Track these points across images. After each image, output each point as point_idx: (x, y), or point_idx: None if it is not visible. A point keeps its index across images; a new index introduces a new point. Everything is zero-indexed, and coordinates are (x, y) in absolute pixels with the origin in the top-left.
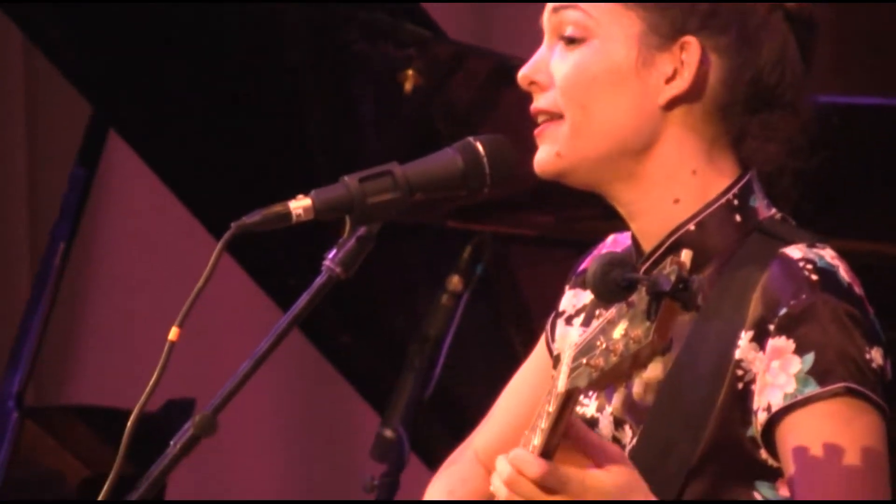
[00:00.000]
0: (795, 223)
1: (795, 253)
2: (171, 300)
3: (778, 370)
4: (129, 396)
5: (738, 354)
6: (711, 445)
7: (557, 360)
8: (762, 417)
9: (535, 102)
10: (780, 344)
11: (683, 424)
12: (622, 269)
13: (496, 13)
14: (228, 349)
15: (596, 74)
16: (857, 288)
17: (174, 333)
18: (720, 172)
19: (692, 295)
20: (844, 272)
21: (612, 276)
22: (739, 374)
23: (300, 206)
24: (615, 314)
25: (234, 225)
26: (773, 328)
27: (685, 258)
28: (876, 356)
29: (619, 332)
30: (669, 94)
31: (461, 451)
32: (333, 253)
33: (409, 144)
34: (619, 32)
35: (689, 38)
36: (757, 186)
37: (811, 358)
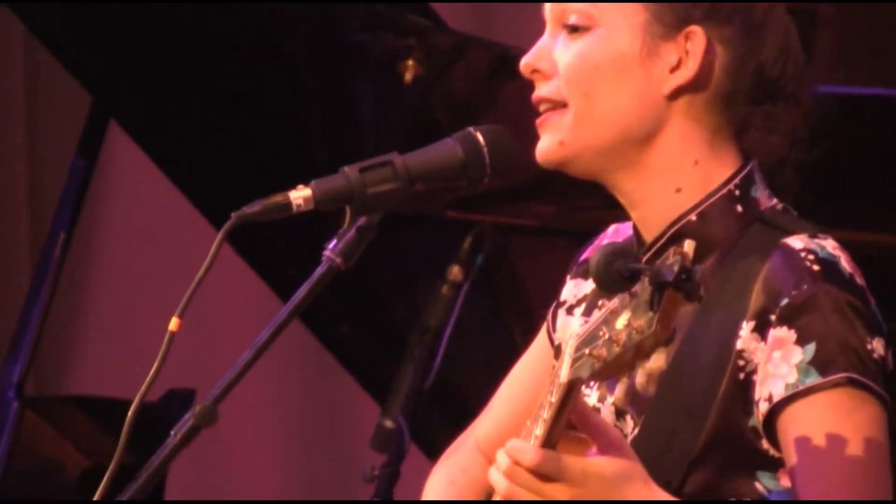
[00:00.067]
0: (797, 214)
1: (797, 243)
2: (171, 290)
3: (779, 360)
4: (129, 386)
5: (739, 345)
6: (713, 435)
7: (559, 349)
8: (764, 407)
9: (537, 91)
10: (781, 334)
11: (685, 415)
12: (625, 259)
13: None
14: (229, 339)
15: (600, 63)
16: (858, 278)
17: (174, 324)
18: (722, 163)
19: (695, 285)
20: (846, 262)
21: (615, 266)
22: (741, 364)
23: (300, 196)
24: (618, 304)
25: (234, 215)
26: (774, 318)
27: (688, 248)
28: (877, 346)
29: (621, 322)
30: (674, 83)
31: (462, 440)
32: (334, 243)
33: (409, 134)
34: (623, 21)
35: (694, 27)
36: (758, 177)
37: (812, 348)
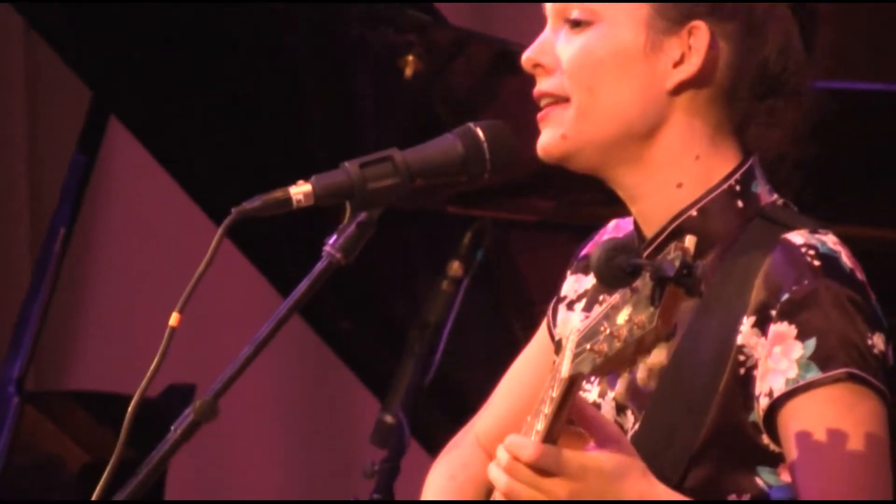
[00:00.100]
0: (797, 209)
1: (798, 239)
2: (171, 286)
3: (780, 355)
4: (129, 382)
5: (740, 340)
6: (713, 431)
7: (559, 345)
8: (764, 403)
9: (538, 85)
10: (782, 329)
11: (685, 410)
12: (626, 254)
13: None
14: (229, 335)
15: (603, 57)
16: (859, 273)
17: (175, 319)
18: (723, 158)
19: (696, 281)
20: (846, 258)
21: (616, 261)
22: (741, 359)
23: (300, 191)
24: (619, 300)
25: (234, 211)
26: (775, 314)
27: (689, 244)
28: (878, 342)
29: (622, 317)
30: (677, 78)
31: (462, 435)
32: (334, 239)
33: (409, 130)
34: (626, 16)
35: (697, 22)
36: (759, 172)
37: (813, 343)
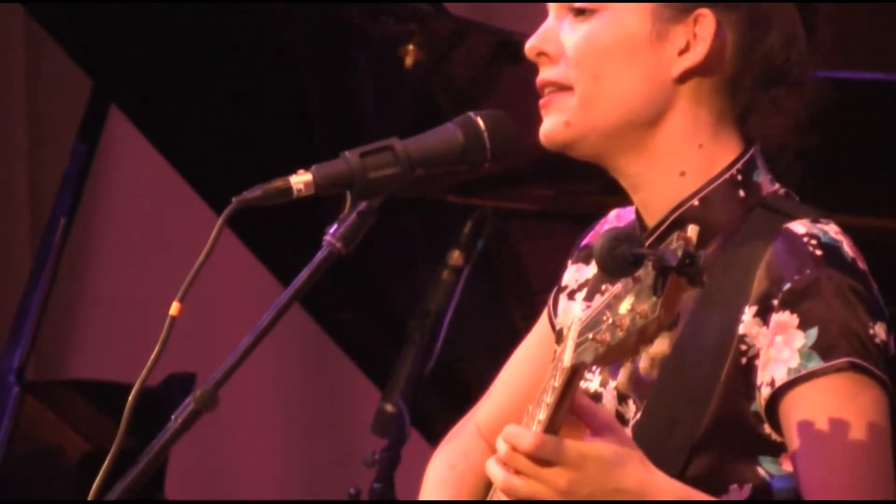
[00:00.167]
0: (798, 199)
1: (799, 228)
2: (172, 275)
3: (782, 345)
4: (129, 371)
5: (741, 329)
6: (715, 420)
7: (560, 334)
8: (766, 392)
9: (542, 74)
10: (783, 319)
11: (687, 399)
12: (629, 244)
13: None
14: (229, 324)
15: (608, 45)
16: (860, 263)
17: (175, 308)
18: (725, 147)
19: (698, 270)
20: (848, 247)
21: (618, 251)
22: (743, 349)
23: (301, 181)
24: (621, 289)
25: (234, 200)
26: (777, 303)
27: (692, 233)
28: (879, 331)
29: (625, 307)
30: (682, 66)
31: (463, 425)
32: (334, 228)
33: (409, 119)
34: (631, 4)
35: (703, 10)
36: (760, 162)
37: (815, 333)
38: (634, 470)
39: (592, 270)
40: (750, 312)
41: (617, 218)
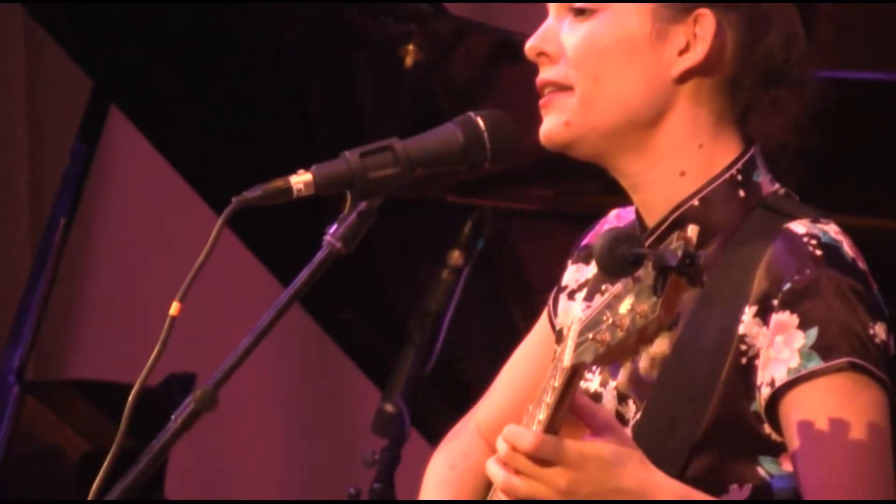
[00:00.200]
0: (798, 199)
1: (799, 228)
2: (172, 275)
3: (782, 345)
4: (129, 371)
5: (741, 329)
6: (715, 420)
7: (560, 334)
8: (766, 392)
9: (542, 74)
10: (784, 319)
11: (687, 399)
12: (629, 244)
13: None
14: (229, 324)
15: (608, 45)
16: (860, 263)
17: (175, 308)
18: (725, 147)
19: (699, 270)
20: (848, 247)
21: (619, 251)
22: (743, 349)
23: (301, 181)
24: (621, 289)
25: (234, 200)
26: (777, 303)
27: (692, 233)
28: (879, 331)
29: (625, 307)
30: (682, 66)
31: (462, 425)
32: (334, 228)
33: (409, 119)
34: (631, 4)
35: (703, 10)
36: (760, 162)
37: (815, 333)
38: (634, 470)
39: (592, 270)
40: (750, 312)
41: (617, 218)
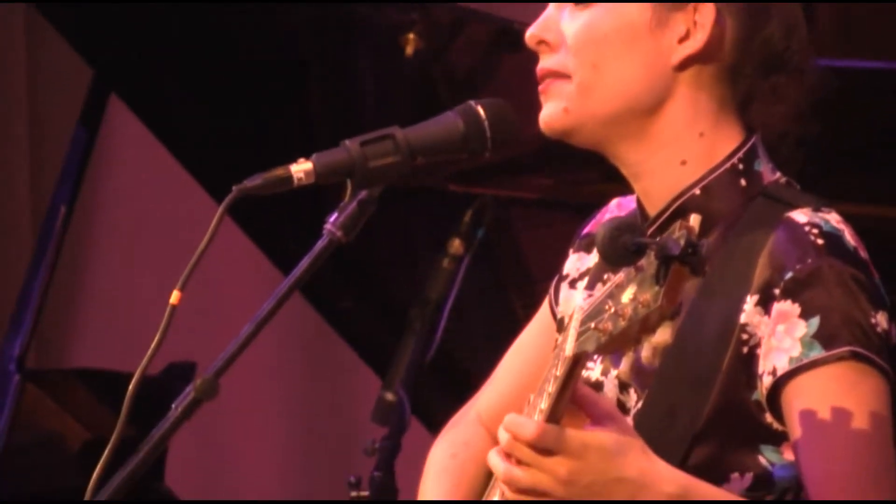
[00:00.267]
0: (800, 187)
1: (801, 217)
2: (172, 264)
3: (783, 334)
4: (130, 360)
5: (743, 318)
6: (717, 409)
7: (561, 323)
8: (767, 381)
9: (542, 63)
10: (785, 308)
11: (689, 388)
12: (632, 233)
13: None
14: (230, 313)
15: (608, 33)
16: (862, 252)
17: (175, 297)
18: (726, 136)
19: (701, 259)
20: (850, 236)
21: (621, 240)
22: (745, 338)
23: (301, 169)
24: (624, 278)
25: (235, 188)
26: (778, 292)
27: (694, 222)
28: (881, 320)
29: (627, 296)
30: (682, 53)
31: (463, 413)
32: (334, 216)
33: (410, 108)
34: None
35: None
36: (762, 150)
37: (816, 322)
38: (636, 459)
39: (594, 259)
40: (751, 301)
41: (618, 206)
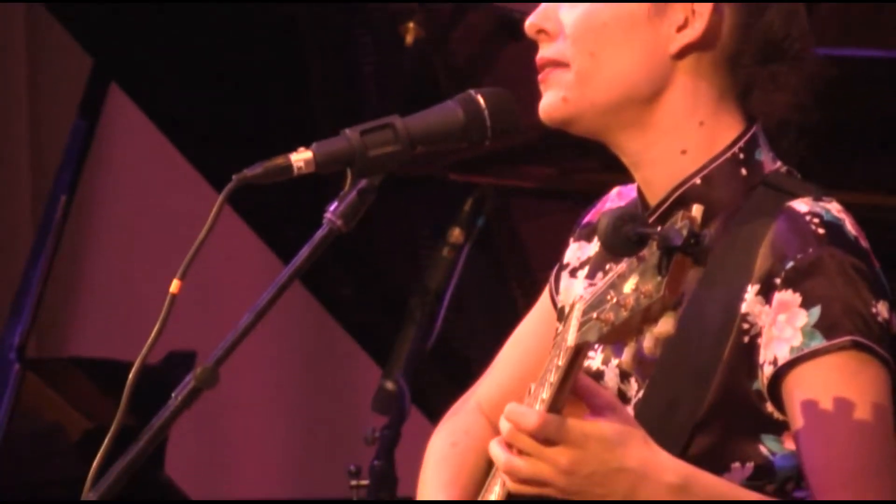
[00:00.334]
0: (800, 177)
1: (802, 206)
2: (172, 253)
3: (784, 324)
4: (130, 349)
5: (744, 308)
6: (718, 399)
7: (562, 312)
8: (768, 371)
9: (541, 52)
10: (786, 297)
11: (690, 378)
12: (634, 223)
13: None
14: (230, 302)
15: (606, 22)
16: (863, 241)
17: (175, 286)
18: (726, 125)
19: (703, 250)
20: (850, 225)
21: (623, 230)
22: (745, 327)
23: (301, 158)
24: (625, 268)
25: (235, 177)
26: (779, 282)
27: (696, 213)
28: (882, 309)
29: (629, 286)
30: (681, 42)
31: (463, 402)
32: (334, 205)
33: (410, 97)
34: None
35: None
36: (762, 140)
37: (817, 311)
38: (637, 449)
39: (594, 248)
40: (752, 291)
41: (618, 196)
